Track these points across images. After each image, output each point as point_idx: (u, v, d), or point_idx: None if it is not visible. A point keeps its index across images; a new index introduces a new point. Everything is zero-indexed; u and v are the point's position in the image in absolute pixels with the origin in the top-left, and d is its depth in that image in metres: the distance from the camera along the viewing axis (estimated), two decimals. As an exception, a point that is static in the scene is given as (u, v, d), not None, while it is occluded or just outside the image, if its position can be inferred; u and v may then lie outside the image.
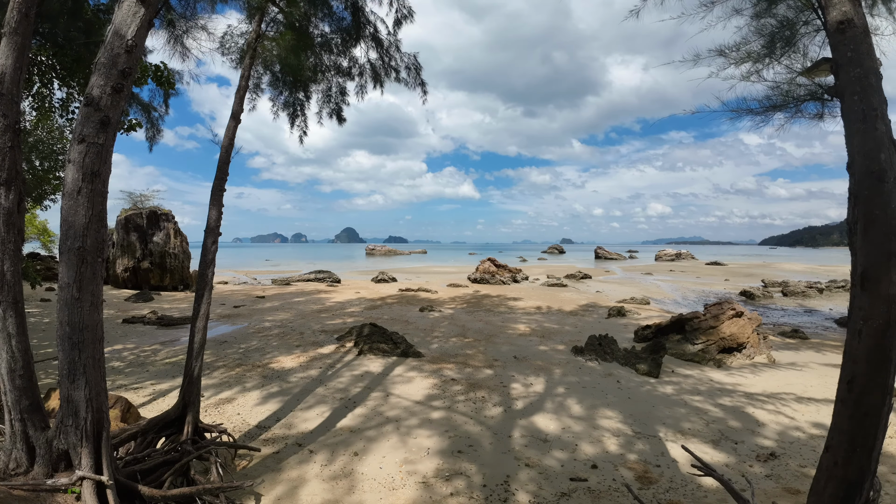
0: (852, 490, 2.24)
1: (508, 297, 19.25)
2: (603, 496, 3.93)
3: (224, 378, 7.20)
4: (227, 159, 4.88)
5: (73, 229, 2.89)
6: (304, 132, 6.88)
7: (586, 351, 8.95)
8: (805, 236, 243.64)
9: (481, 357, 8.74)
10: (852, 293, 2.33)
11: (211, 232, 4.73)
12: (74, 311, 2.92)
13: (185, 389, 4.38)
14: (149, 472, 3.51)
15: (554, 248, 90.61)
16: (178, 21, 5.62)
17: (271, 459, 4.50)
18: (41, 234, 18.79)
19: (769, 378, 7.69)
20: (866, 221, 2.26)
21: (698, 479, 4.14)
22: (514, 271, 28.77)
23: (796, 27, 3.19)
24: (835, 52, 2.49)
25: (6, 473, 2.95)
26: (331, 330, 11.20)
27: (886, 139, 2.27)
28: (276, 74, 6.21)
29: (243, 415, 5.67)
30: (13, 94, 3.00)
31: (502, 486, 4.06)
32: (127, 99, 3.17)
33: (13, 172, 3.00)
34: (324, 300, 17.54)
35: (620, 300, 18.65)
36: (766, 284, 25.40)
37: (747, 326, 9.33)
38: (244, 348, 9.30)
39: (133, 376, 7.25)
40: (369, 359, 8.46)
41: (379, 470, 4.34)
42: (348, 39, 6.21)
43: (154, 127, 7.77)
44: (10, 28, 2.96)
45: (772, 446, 4.94)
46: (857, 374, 2.24)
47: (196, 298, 4.65)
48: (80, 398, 2.94)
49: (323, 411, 5.81)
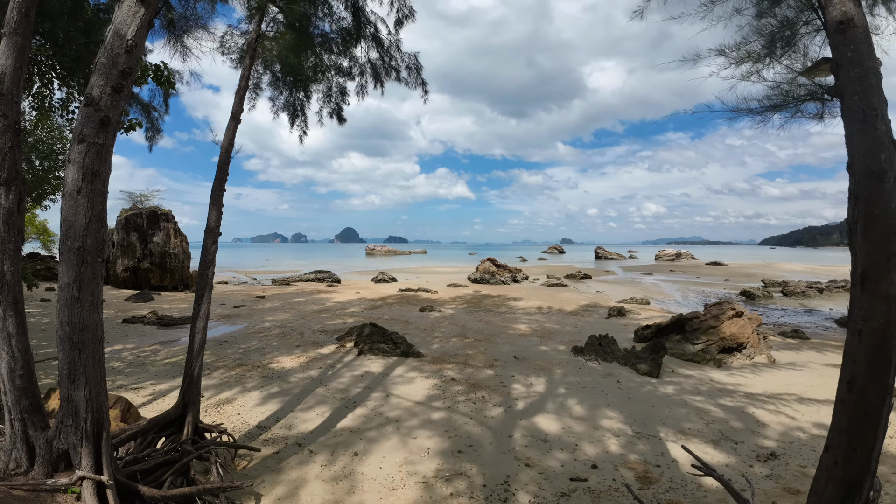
0: (852, 490, 2.24)
1: (508, 297, 19.25)
2: (603, 496, 3.93)
3: (224, 378, 7.20)
4: (226, 159, 4.87)
5: (73, 229, 2.89)
6: (304, 132, 6.88)
7: (586, 351, 8.95)
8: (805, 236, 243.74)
9: (481, 357, 8.74)
10: (852, 293, 2.33)
11: (211, 232, 4.73)
12: (74, 311, 2.92)
13: (185, 389, 4.38)
14: (149, 472, 3.51)
15: (554, 248, 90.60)
16: (179, 21, 5.62)
17: (271, 460, 4.50)
18: (41, 234, 18.79)
19: (769, 378, 7.69)
20: (866, 221, 2.26)
21: (698, 479, 4.14)
22: (514, 271, 28.78)
23: (796, 27, 3.19)
24: (835, 52, 2.49)
25: (6, 473, 2.96)
26: (331, 330, 11.20)
27: (886, 139, 2.27)
28: (276, 74, 6.21)
29: (243, 415, 5.67)
30: (13, 94, 3.00)
31: (502, 486, 4.06)
32: (127, 99, 3.17)
33: (13, 172, 3.00)
34: (324, 300, 17.54)
35: (621, 300, 18.65)
36: (766, 284, 25.41)
37: (747, 326, 9.34)
38: (244, 348, 9.30)
39: (133, 376, 7.25)
40: (370, 359, 8.46)
41: (379, 470, 4.34)
42: (349, 39, 6.21)
43: (154, 127, 7.78)
44: (10, 28, 2.96)
45: (772, 446, 4.94)
46: (857, 374, 2.24)
47: (196, 298, 4.65)
48: (80, 398, 2.94)
49: (323, 412, 5.81)
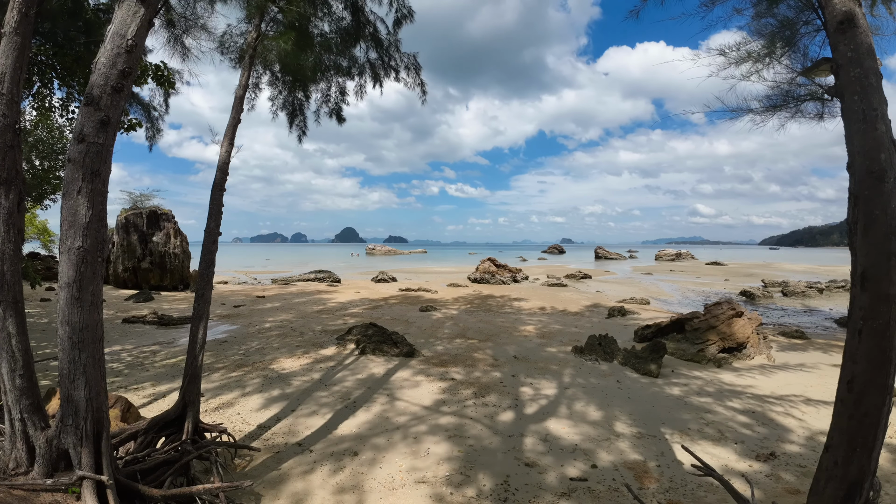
0: (852, 490, 2.24)
1: (509, 297, 19.25)
2: (603, 496, 3.93)
3: (224, 378, 7.20)
4: (226, 159, 4.87)
5: (73, 229, 2.89)
6: (303, 132, 6.88)
7: (587, 351, 8.95)
8: (805, 236, 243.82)
9: (481, 357, 8.74)
10: (852, 293, 2.33)
11: (211, 232, 4.73)
12: (74, 311, 2.92)
13: (185, 389, 4.39)
14: (149, 472, 3.51)
15: (554, 248, 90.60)
16: (178, 21, 5.62)
17: (272, 460, 4.50)
18: (41, 234, 18.77)
19: (769, 378, 7.69)
20: (866, 221, 2.26)
21: (698, 478, 4.14)
22: (514, 271, 28.77)
23: (796, 27, 3.19)
24: (835, 52, 2.49)
25: (6, 473, 2.96)
26: (332, 330, 11.20)
27: (886, 139, 2.27)
28: (275, 74, 6.21)
29: (243, 415, 5.67)
30: (13, 93, 3.00)
31: (502, 486, 4.06)
32: (127, 99, 3.17)
33: (13, 172, 3.00)
34: (324, 300, 17.54)
35: (621, 300, 18.65)
36: (766, 284, 25.40)
37: (747, 326, 9.34)
38: (245, 349, 9.30)
39: (133, 376, 7.25)
40: (371, 360, 8.45)
41: (379, 470, 4.34)
42: (348, 39, 6.22)
43: (154, 127, 7.79)
44: (10, 28, 2.96)
45: (772, 446, 4.93)
46: (857, 374, 2.24)
47: (196, 298, 4.65)
48: (80, 398, 2.95)
49: (324, 413, 5.81)
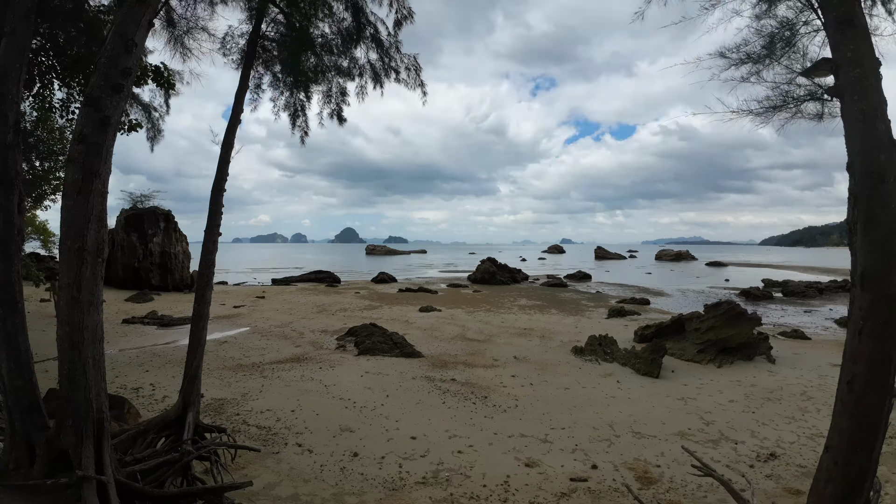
0: (852, 490, 2.24)
1: (508, 297, 19.25)
2: (603, 496, 3.93)
3: (224, 379, 7.20)
4: (226, 159, 4.87)
5: (73, 229, 2.89)
6: (305, 132, 6.85)
7: (586, 351, 8.95)
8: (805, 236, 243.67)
9: (482, 357, 8.74)
10: (852, 293, 2.33)
11: (211, 232, 4.73)
12: (74, 311, 2.91)
13: (185, 390, 4.38)
14: (149, 472, 3.50)
15: (554, 248, 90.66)
16: (179, 21, 5.60)
17: (271, 460, 4.50)
18: (41, 234, 18.74)
19: (769, 378, 7.68)
20: (866, 221, 2.26)
21: (698, 479, 4.14)
22: (513, 271, 28.76)
23: (796, 27, 3.18)
24: (835, 52, 2.49)
25: (6, 473, 2.95)
26: (331, 330, 11.20)
27: (886, 139, 2.27)
28: (276, 75, 6.19)
29: (243, 415, 5.66)
30: (13, 94, 3.00)
31: (502, 487, 4.06)
32: (127, 99, 3.17)
33: (13, 172, 3.00)
34: (324, 300, 17.54)
35: (621, 300, 18.65)
36: (766, 284, 25.40)
37: (747, 326, 9.33)
38: (244, 349, 9.30)
39: (133, 377, 7.24)
40: (371, 360, 8.45)
41: (378, 470, 4.33)
42: (349, 40, 6.19)
43: (154, 127, 7.76)
44: (10, 28, 2.96)
45: (772, 446, 4.93)
46: (857, 374, 2.24)
47: (196, 298, 4.64)
48: (80, 398, 2.94)
49: (324, 414, 5.81)
